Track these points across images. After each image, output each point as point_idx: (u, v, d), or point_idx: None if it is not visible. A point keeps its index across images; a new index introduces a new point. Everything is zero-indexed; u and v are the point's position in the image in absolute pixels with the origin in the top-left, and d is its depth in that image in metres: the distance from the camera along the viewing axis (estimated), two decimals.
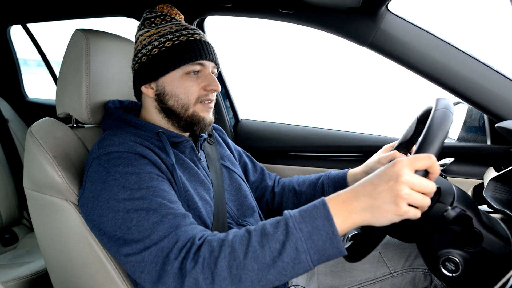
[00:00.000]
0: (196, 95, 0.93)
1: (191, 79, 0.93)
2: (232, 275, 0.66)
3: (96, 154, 0.83)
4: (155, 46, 0.92)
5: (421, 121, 0.99)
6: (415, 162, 0.63)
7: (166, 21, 0.96)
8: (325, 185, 1.16)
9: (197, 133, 0.97)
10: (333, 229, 0.64)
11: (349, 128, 1.65)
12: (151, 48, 0.93)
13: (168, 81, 0.92)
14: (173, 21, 0.96)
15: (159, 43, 0.92)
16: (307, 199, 1.18)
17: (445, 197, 0.75)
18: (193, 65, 0.92)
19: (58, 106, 1.05)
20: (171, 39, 0.92)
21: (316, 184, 1.17)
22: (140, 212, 0.74)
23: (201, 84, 0.93)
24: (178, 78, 0.92)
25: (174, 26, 0.94)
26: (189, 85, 0.92)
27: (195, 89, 0.93)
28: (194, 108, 0.93)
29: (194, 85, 0.93)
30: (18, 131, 2.02)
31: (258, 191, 1.23)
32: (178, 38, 0.92)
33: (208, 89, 0.93)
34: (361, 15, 1.21)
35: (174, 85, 0.92)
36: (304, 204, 0.69)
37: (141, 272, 0.71)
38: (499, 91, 1.15)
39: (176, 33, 0.93)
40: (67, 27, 1.89)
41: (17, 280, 1.35)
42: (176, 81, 0.92)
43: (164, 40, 0.92)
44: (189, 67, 0.92)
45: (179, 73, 0.92)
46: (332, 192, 1.12)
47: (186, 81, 0.92)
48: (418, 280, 1.04)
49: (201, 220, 0.89)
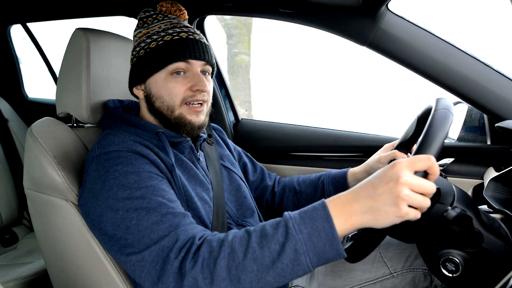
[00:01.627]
0: (181, 97, 0.90)
1: (176, 79, 0.90)
2: (231, 275, 0.66)
3: (95, 153, 0.83)
4: (142, 47, 0.92)
5: (422, 121, 0.99)
6: (415, 163, 0.63)
7: (157, 20, 0.95)
8: (326, 184, 1.15)
9: (185, 135, 0.95)
10: (332, 231, 0.64)
11: (349, 128, 1.65)
12: (139, 50, 0.93)
13: (153, 82, 0.92)
14: (164, 19, 0.95)
15: (145, 44, 0.92)
16: (307, 199, 1.18)
17: (445, 197, 0.74)
18: (176, 64, 0.90)
19: (58, 105, 1.05)
20: (156, 39, 0.91)
21: (317, 184, 1.17)
22: (139, 211, 0.74)
23: (187, 85, 0.91)
24: (162, 79, 0.91)
25: (163, 25, 0.93)
26: (172, 86, 0.90)
27: (179, 90, 0.90)
28: (180, 110, 0.91)
29: (178, 86, 0.90)
30: (18, 130, 2.02)
31: (258, 191, 1.23)
32: (163, 38, 0.90)
33: (194, 90, 0.90)
34: (361, 14, 1.21)
35: (158, 87, 0.91)
36: (305, 204, 0.69)
37: (141, 272, 0.71)
38: (499, 91, 1.15)
39: (162, 32, 0.91)
40: (67, 27, 1.89)
41: (17, 281, 1.35)
42: (160, 82, 0.91)
43: (150, 40, 0.91)
44: (173, 66, 0.90)
45: (163, 74, 0.91)
46: (333, 191, 1.12)
47: (169, 82, 0.90)
48: (418, 281, 1.03)
49: (200, 220, 0.88)
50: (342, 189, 1.12)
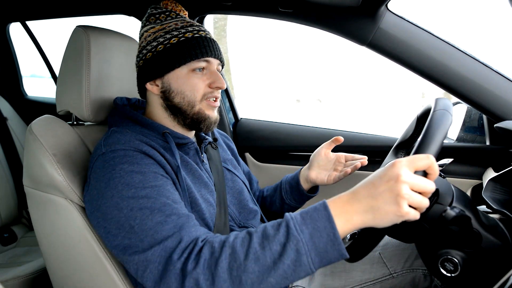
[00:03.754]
0: (202, 92, 0.92)
1: (197, 76, 0.92)
2: (232, 276, 0.66)
3: (101, 151, 0.83)
4: (160, 43, 0.92)
5: (421, 120, 0.99)
6: (415, 162, 0.63)
7: (171, 17, 0.95)
8: (283, 183, 1.20)
9: (203, 131, 0.97)
10: (334, 231, 0.64)
11: (349, 127, 1.65)
12: (156, 45, 0.92)
13: (174, 78, 0.92)
14: (178, 17, 0.96)
15: (165, 39, 0.91)
16: (271, 202, 1.23)
17: (443, 197, 0.75)
18: (198, 62, 0.91)
19: (58, 103, 1.04)
20: (177, 35, 0.91)
21: (278, 185, 1.22)
22: (144, 210, 0.74)
23: (207, 81, 0.93)
24: (184, 75, 0.91)
25: (180, 22, 0.94)
26: (195, 82, 0.92)
27: (201, 86, 0.92)
28: (200, 106, 0.93)
29: (200, 82, 0.92)
30: (17, 129, 2.02)
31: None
32: (184, 34, 0.91)
33: (214, 87, 0.93)
34: (361, 14, 1.21)
35: (180, 82, 0.92)
36: (268, 206, 0.69)
37: (144, 272, 0.71)
38: (498, 92, 1.16)
39: (181, 29, 0.92)
40: (67, 26, 1.88)
41: (16, 279, 1.35)
42: (182, 78, 0.92)
43: (170, 36, 0.91)
44: (195, 64, 0.91)
45: (185, 70, 0.91)
46: (288, 189, 1.18)
47: (192, 78, 0.92)
48: (418, 281, 1.04)
49: (204, 222, 0.88)
50: (296, 186, 1.16)
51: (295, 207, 1.20)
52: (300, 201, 1.18)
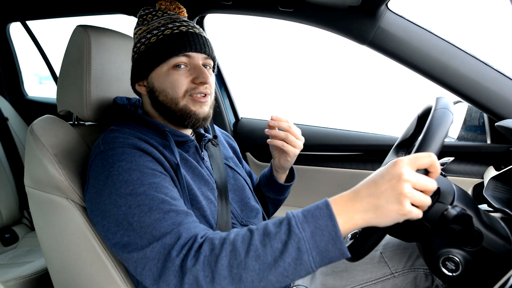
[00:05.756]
0: (184, 89, 0.91)
1: (178, 72, 0.91)
2: (232, 274, 0.65)
3: (99, 149, 0.83)
4: (142, 43, 0.92)
5: (422, 119, 0.99)
6: (416, 161, 0.63)
7: (157, 16, 0.95)
8: (261, 178, 1.20)
9: (191, 127, 0.95)
10: (336, 229, 0.64)
11: (349, 127, 1.65)
12: (139, 46, 0.93)
13: (156, 76, 0.92)
14: (164, 15, 0.95)
15: (146, 39, 0.92)
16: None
17: (445, 196, 0.74)
18: (178, 58, 0.90)
19: (59, 103, 1.04)
20: (156, 34, 0.91)
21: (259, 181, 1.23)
22: (142, 207, 0.74)
23: (190, 77, 0.91)
24: (164, 73, 0.91)
25: (163, 20, 0.93)
26: (175, 78, 0.90)
27: (182, 82, 0.90)
28: (184, 102, 0.91)
29: (181, 78, 0.90)
30: (18, 129, 2.02)
31: None
32: (163, 32, 0.91)
33: (197, 82, 0.91)
34: (361, 13, 1.21)
35: (161, 80, 0.91)
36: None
37: (143, 269, 0.71)
38: (499, 90, 1.15)
39: (162, 27, 0.92)
40: (66, 26, 1.89)
41: (17, 280, 1.35)
42: (163, 76, 0.91)
43: (150, 36, 0.91)
44: (174, 60, 0.90)
45: (165, 68, 0.91)
46: (265, 182, 1.17)
47: (172, 75, 0.90)
48: (420, 281, 1.03)
49: (205, 219, 0.88)
50: (270, 177, 1.15)
51: (275, 199, 1.19)
52: (277, 192, 1.17)
